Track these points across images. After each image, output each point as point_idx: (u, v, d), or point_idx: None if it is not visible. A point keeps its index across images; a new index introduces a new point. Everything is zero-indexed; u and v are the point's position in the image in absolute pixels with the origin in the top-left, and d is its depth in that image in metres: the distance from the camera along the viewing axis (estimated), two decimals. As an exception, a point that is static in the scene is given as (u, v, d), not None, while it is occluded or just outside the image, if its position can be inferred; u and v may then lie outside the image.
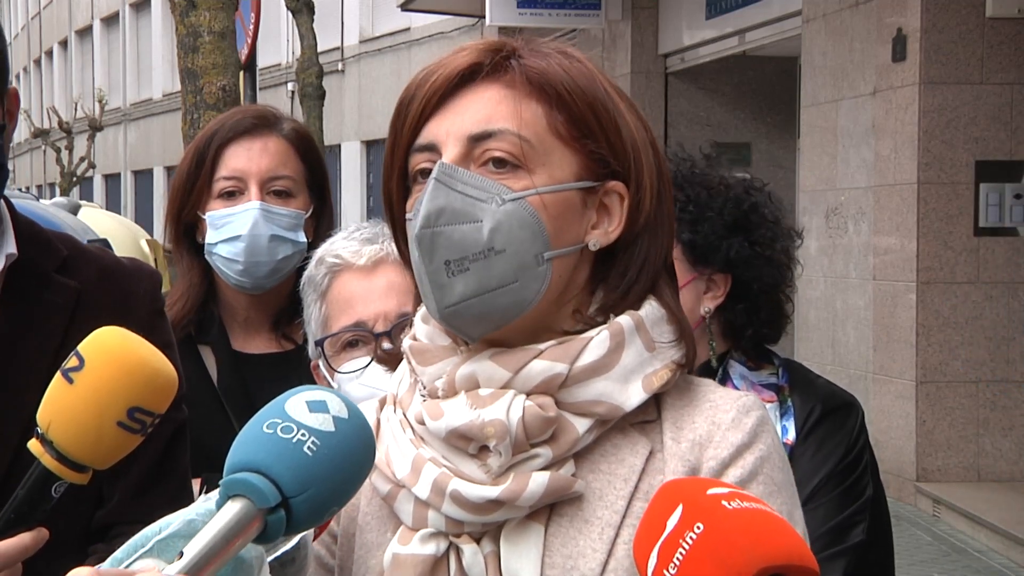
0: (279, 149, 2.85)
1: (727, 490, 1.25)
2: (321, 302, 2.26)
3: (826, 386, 2.58)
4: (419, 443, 1.55)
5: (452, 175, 1.49)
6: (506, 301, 1.50)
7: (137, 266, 2.23)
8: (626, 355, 1.53)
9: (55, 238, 2.17)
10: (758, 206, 2.58)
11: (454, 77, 1.53)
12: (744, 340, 2.57)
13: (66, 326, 2.06)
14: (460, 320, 1.51)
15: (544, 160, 1.51)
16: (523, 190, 1.50)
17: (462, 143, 1.51)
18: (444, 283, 1.49)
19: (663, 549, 1.23)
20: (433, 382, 1.55)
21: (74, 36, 44.89)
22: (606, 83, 1.57)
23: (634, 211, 1.56)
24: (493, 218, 1.48)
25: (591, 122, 1.54)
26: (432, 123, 1.53)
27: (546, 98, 1.53)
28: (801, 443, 2.46)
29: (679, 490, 1.27)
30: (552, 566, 1.49)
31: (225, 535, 1.28)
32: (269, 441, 1.32)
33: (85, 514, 2.09)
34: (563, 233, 1.52)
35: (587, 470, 1.53)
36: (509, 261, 1.49)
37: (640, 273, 1.57)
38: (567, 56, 1.57)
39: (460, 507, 1.49)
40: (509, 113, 1.51)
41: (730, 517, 1.21)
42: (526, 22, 14.08)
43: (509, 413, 1.48)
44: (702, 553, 1.21)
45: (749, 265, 2.54)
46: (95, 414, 1.56)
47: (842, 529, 2.41)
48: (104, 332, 1.61)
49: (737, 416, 1.54)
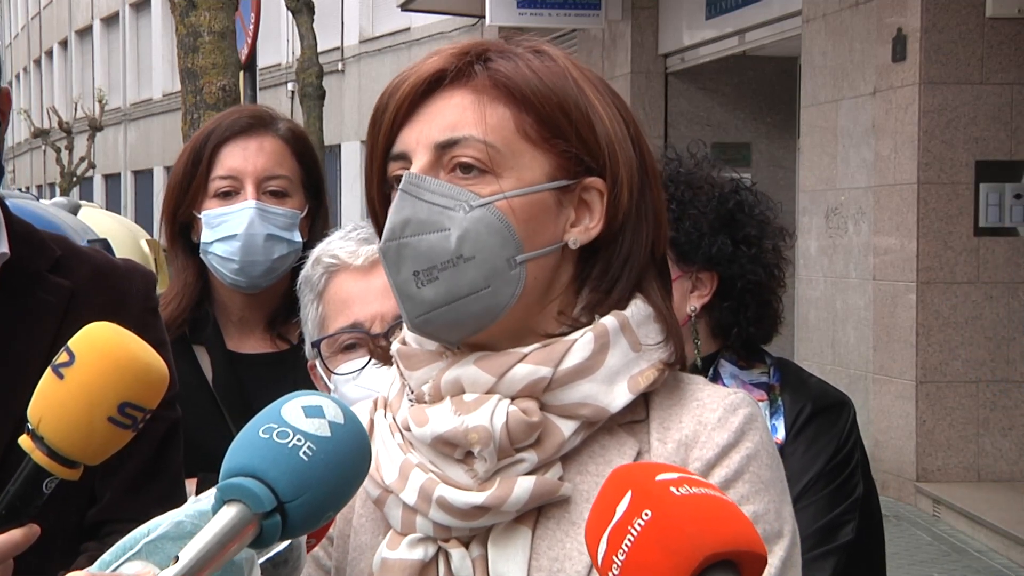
0: (275, 149, 2.86)
1: (676, 475, 1.25)
2: (318, 302, 2.24)
3: (818, 385, 2.57)
4: (407, 448, 1.55)
5: (419, 184, 1.49)
6: (479, 307, 1.50)
7: (131, 266, 2.23)
8: (611, 356, 1.52)
9: (48, 238, 2.17)
10: (744, 205, 2.57)
11: (422, 84, 1.53)
12: (732, 339, 2.56)
13: (59, 325, 2.06)
14: (433, 328, 1.51)
15: (512, 163, 1.51)
16: (490, 195, 1.50)
17: (430, 151, 1.51)
18: (413, 293, 1.50)
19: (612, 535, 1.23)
20: (420, 387, 1.55)
21: (74, 36, 44.91)
22: (580, 79, 1.56)
23: (612, 207, 1.55)
24: (461, 225, 1.48)
25: (561, 122, 1.53)
26: (404, 131, 1.54)
27: (513, 101, 1.52)
28: (791, 442, 2.46)
29: (629, 476, 1.26)
30: (539, 569, 1.49)
31: (221, 540, 1.28)
32: (265, 446, 1.32)
33: (77, 512, 2.08)
34: (537, 235, 1.52)
35: (575, 472, 1.53)
36: (479, 267, 1.49)
37: (623, 269, 1.56)
38: (538, 54, 1.56)
39: (447, 513, 1.49)
40: (474, 119, 1.51)
41: (678, 504, 1.21)
42: (526, 22, 14.08)
43: (493, 419, 1.48)
44: (650, 540, 1.20)
45: (732, 263, 2.53)
46: (86, 409, 1.56)
47: (832, 528, 2.41)
48: (94, 327, 1.60)
49: (724, 415, 1.54)
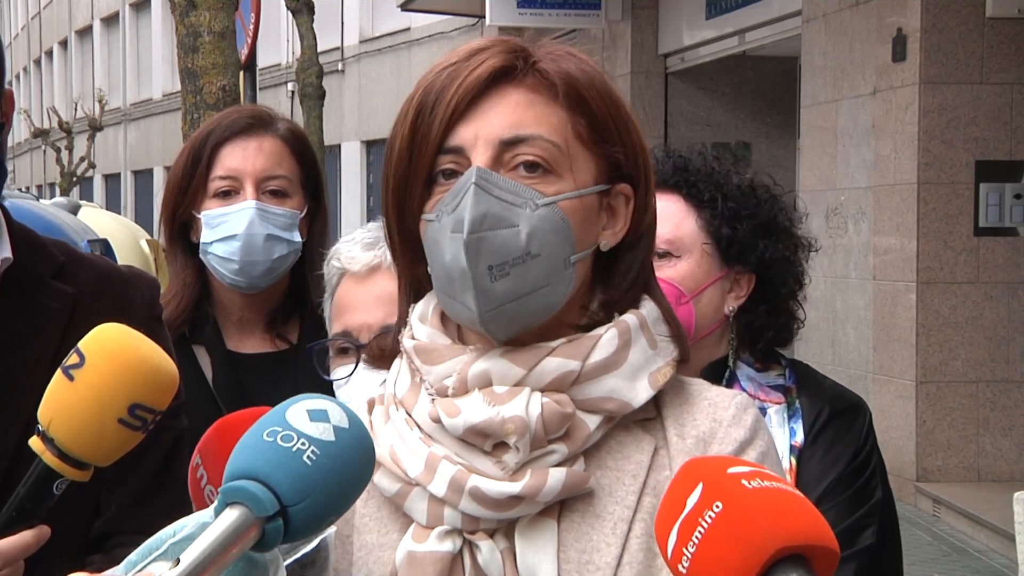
0: (274, 149, 2.86)
1: (748, 469, 1.25)
2: (330, 301, 2.29)
3: (833, 387, 2.57)
4: (429, 441, 1.55)
5: (489, 180, 1.50)
6: (538, 304, 1.52)
7: (135, 273, 2.23)
8: (633, 352, 1.56)
9: (51, 244, 2.16)
10: (783, 212, 2.59)
11: (484, 79, 1.53)
12: (763, 342, 2.57)
13: (63, 332, 2.05)
14: (496, 324, 1.52)
15: (570, 164, 1.53)
16: (554, 195, 1.52)
17: (493, 147, 1.52)
18: (487, 287, 1.50)
19: (683, 528, 1.23)
20: (442, 380, 1.55)
21: (74, 36, 44.91)
22: (613, 85, 1.60)
23: (639, 212, 1.60)
24: (529, 223, 1.50)
25: (610, 125, 1.56)
26: (460, 126, 1.53)
27: (569, 102, 1.54)
28: (810, 445, 2.45)
29: (700, 468, 1.27)
30: (567, 560, 1.51)
31: (222, 542, 1.27)
32: (269, 449, 1.31)
33: (83, 523, 2.07)
34: (585, 236, 1.55)
35: (594, 466, 1.54)
36: (543, 265, 1.51)
37: (640, 271, 1.61)
38: (577, 59, 1.58)
39: (479, 504, 1.50)
40: (538, 118, 1.53)
41: (749, 496, 1.21)
42: (526, 22, 14.10)
43: (528, 409, 1.49)
44: (721, 532, 1.20)
45: (779, 268, 2.54)
46: (96, 411, 1.56)
47: (852, 532, 2.40)
48: (105, 329, 1.61)
49: (737, 413, 1.58)
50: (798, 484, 2.40)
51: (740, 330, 2.57)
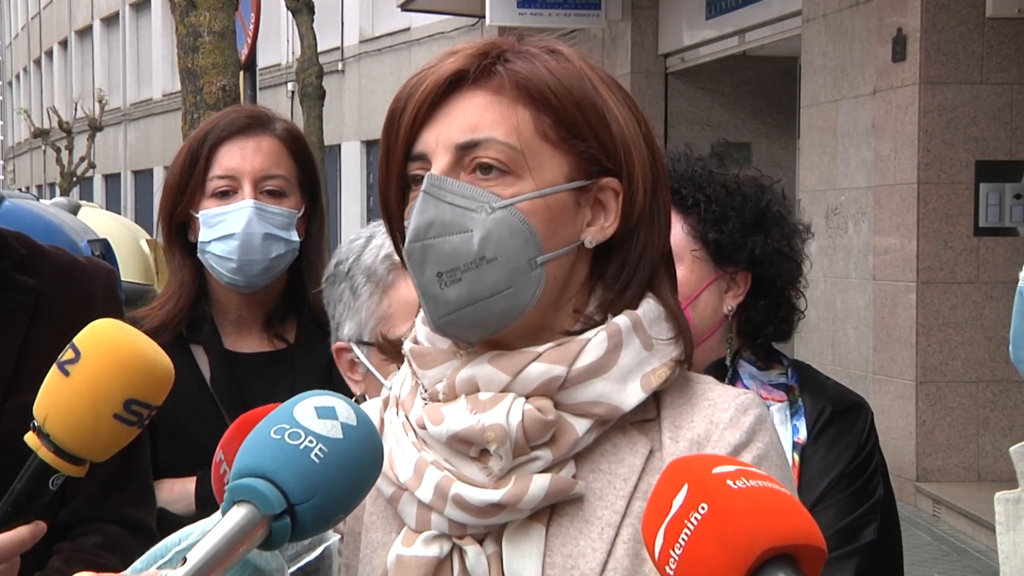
0: (272, 149, 2.86)
1: (733, 468, 1.24)
2: (382, 297, 2.22)
3: (835, 387, 2.58)
4: (421, 446, 1.55)
5: (441, 186, 1.49)
6: (500, 307, 1.50)
7: (94, 264, 2.25)
8: (624, 355, 1.53)
9: (11, 237, 2.16)
10: (772, 203, 2.59)
11: (441, 84, 1.53)
12: (763, 337, 2.57)
13: (28, 325, 2.06)
14: (456, 328, 1.52)
15: (533, 164, 1.51)
16: (512, 196, 1.50)
17: (450, 152, 1.51)
18: (437, 294, 1.50)
19: (669, 529, 1.23)
20: (434, 385, 1.55)
21: (74, 36, 44.91)
22: (595, 79, 1.57)
23: (628, 206, 1.56)
24: (483, 227, 1.48)
25: (579, 122, 1.54)
26: (424, 132, 1.54)
27: (533, 102, 1.52)
28: (812, 444, 2.46)
29: (685, 469, 1.26)
30: (553, 566, 1.50)
31: (229, 541, 1.27)
32: (276, 447, 1.31)
33: (48, 513, 2.08)
34: (556, 235, 1.52)
35: (587, 470, 1.53)
36: (501, 268, 1.49)
37: (637, 268, 1.58)
38: (554, 55, 1.56)
39: (462, 510, 1.50)
40: (496, 120, 1.51)
41: (735, 497, 1.20)
42: (526, 22, 14.10)
43: (508, 417, 1.48)
44: (707, 534, 1.20)
45: (772, 262, 2.54)
46: (92, 407, 1.56)
47: (853, 529, 2.41)
48: (100, 324, 1.61)
49: (735, 415, 1.55)
50: (800, 481, 2.41)
51: (740, 327, 2.58)
